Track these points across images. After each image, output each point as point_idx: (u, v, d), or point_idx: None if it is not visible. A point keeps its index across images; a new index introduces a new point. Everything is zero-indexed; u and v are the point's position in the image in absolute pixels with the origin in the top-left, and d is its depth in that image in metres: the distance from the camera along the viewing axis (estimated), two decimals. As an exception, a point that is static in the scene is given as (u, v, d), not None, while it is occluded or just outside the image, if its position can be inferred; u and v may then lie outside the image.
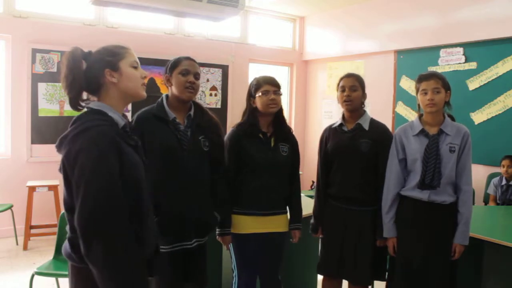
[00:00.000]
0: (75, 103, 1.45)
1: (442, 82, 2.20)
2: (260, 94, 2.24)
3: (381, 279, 2.42)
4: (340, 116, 2.49)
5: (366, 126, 2.39)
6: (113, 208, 1.30)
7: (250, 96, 2.30)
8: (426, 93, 2.20)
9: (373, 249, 2.34)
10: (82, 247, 1.27)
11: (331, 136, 2.47)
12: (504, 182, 4.00)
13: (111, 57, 1.47)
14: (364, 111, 2.44)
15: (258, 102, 2.25)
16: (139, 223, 1.42)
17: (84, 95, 1.49)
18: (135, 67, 1.51)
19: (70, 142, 1.34)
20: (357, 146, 2.34)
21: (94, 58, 1.48)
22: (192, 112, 2.08)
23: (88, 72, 1.45)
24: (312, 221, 2.52)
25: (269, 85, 2.24)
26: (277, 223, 2.30)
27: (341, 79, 2.44)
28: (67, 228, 1.41)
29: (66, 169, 1.34)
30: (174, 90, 2.04)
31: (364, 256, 2.32)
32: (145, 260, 1.46)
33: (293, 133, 2.43)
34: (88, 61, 1.47)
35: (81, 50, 1.47)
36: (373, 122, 2.42)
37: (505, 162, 3.99)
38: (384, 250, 2.40)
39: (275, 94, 2.24)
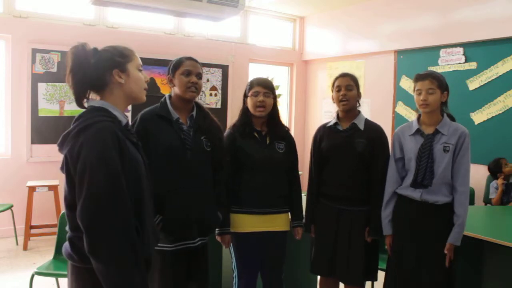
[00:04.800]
0: (81, 100, 1.47)
1: (437, 82, 2.19)
2: (250, 94, 2.27)
3: (372, 279, 2.42)
4: (335, 115, 2.48)
5: (361, 126, 2.39)
6: (117, 202, 1.30)
7: (245, 96, 2.33)
8: (420, 93, 2.21)
9: (366, 250, 2.34)
10: (86, 242, 1.27)
11: (325, 135, 2.46)
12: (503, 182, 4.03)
13: (121, 58, 1.49)
14: (359, 111, 2.45)
15: (249, 103, 2.28)
16: (140, 221, 1.42)
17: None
18: (140, 71, 1.54)
19: (73, 138, 1.35)
20: (352, 145, 2.34)
21: (102, 56, 1.48)
22: (194, 113, 2.10)
23: (95, 70, 1.46)
24: (303, 220, 2.51)
25: (260, 87, 2.26)
26: (277, 222, 2.30)
27: (336, 79, 2.44)
28: (67, 227, 1.41)
29: (69, 165, 1.35)
30: (177, 90, 2.06)
31: (356, 257, 2.32)
32: (145, 259, 1.46)
33: (292, 133, 2.44)
34: (95, 58, 1.47)
35: (89, 46, 1.47)
36: (367, 122, 2.43)
37: (505, 161, 4.03)
38: (376, 250, 2.41)
39: (265, 96, 2.25)
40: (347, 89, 2.37)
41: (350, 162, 2.35)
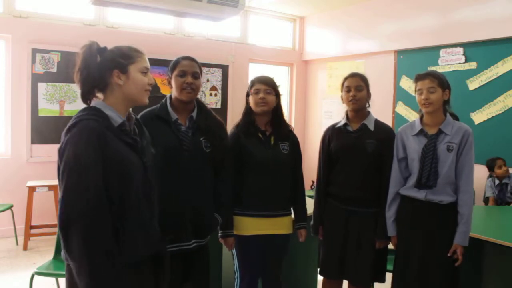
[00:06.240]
0: (86, 98, 1.49)
1: (438, 81, 2.18)
2: (252, 92, 2.26)
3: (380, 280, 2.41)
4: (344, 115, 2.47)
5: (371, 126, 2.37)
6: (88, 202, 1.31)
7: (247, 95, 2.32)
8: (421, 93, 2.20)
9: (374, 251, 2.33)
10: (61, 241, 1.31)
11: (334, 135, 2.44)
12: (497, 182, 4.06)
13: (123, 59, 1.49)
14: (369, 112, 2.43)
15: (251, 101, 2.27)
16: (120, 221, 1.41)
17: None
18: (145, 73, 1.53)
19: (62, 137, 1.38)
20: (362, 146, 2.33)
21: (107, 55, 1.50)
22: (194, 114, 2.07)
23: (98, 69, 1.48)
24: (312, 222, 2.50)
25: (261, 84, 2.25)
26: (280, 225, 2.28)
27: (346, 79, 2.42)
28: None
29: (58, 163, 1.38)
30: (174, 91, 2.05)
31: (365, 257, 2.31)
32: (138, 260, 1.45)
33: (294, 132, 2.41)
34: (102, 57, 1.49)
35: (97, 45, 1.50)
36: (377, 122, 2.42)
37: (501, 162, 4.05)
38: (385, 252, 2.40)
39: (266, 93, 2.23)
40: (357, 89, 2.35)
41: (360, 163, 2.34)
